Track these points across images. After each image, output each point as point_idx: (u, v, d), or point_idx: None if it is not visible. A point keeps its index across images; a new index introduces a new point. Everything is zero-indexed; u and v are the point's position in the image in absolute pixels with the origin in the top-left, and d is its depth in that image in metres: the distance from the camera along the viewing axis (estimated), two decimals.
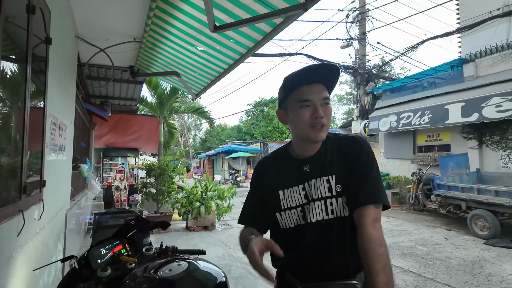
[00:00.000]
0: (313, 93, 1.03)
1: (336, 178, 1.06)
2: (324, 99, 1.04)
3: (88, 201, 6.30)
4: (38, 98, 2.05)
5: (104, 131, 7.81)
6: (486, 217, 5.69)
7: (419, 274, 4.12)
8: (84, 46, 3.96)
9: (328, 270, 1.06)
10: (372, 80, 11.33)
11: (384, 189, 1.04)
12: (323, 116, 1.02)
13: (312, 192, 1.08)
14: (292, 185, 1.11)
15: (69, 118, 3.36)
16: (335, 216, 1.05)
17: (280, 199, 1.12)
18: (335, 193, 1.05)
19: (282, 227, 1.13)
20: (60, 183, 3.03)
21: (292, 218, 1.11)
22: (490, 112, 6.95)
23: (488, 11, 8.07)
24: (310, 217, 1.06)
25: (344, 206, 1.05)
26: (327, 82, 1.06)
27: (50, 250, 2.51)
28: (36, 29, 1.88)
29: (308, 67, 1.04)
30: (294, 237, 1.10)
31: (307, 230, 1.08)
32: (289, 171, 1.14)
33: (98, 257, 1.41)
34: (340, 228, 1.05)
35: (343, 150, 1.09)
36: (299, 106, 1.04)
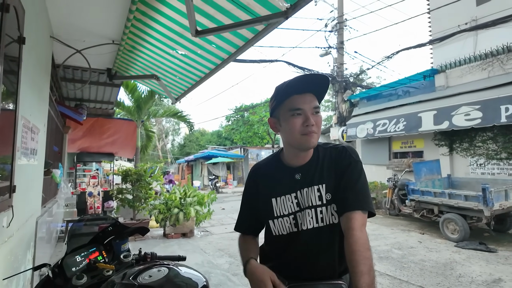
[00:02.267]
0: (304, 102, 1.07)
1: (326, 187, 1.10)
2: (314, 108, 1.09)
3: (60, 208, 6.03)
4: (9, 100, 1.95)
5: (78, 134, 7.53)
6: (456, 220, 5.96)
7: (394, 277, 4.24)
8: (59, 47, 3.83)
9: (316, 273, 1.12)
10: (350, 88, 11.65)
11: (370, 198, 1.10)
12: (314, 124, 1.06)
13: (303, 200, 1.13)
14: (285, 193, 1.15)
15: (41, 121, 3.22)
16: (325, 224, 1.10)
17: (273, 207, 1.16)
18: (325, 202, 1.10)
19: (275, 234, 1.17)
20: (31, 189, 2.89)
21: (285, 225, 1.15)
22: (460, 121, 7.32)
23: (457, 25, 8.55)
24: (302, 225, 1.11)
25: (333, 213, 1.10)
26: (317, 91, 1.11)
27: (19, 260, 2.38)
28: (9, 28, 1.80)
29: (299, 77, 1.08)
30: (286, 243, 1.16)
31: (299, 238, 1.12)
32: (281, 179, 1.17)
33: (73, 264, 1.35)
34: (330, 235, 1.10)
35: (333, 159, 1.13)
36: (291, 115, 1.08)
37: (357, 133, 10.18)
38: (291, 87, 1.08)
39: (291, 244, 1.14)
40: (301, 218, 1.12)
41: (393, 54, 10.11)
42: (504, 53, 7.18)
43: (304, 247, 1.12)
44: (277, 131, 1.17)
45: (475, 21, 8.57)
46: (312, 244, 1.11)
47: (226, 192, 18.53)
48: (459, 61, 8.05)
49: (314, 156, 1.16)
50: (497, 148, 7.36)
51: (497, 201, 5.55)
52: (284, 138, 1.15)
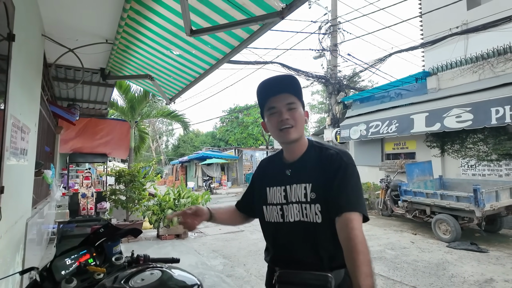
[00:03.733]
0: (278, 101, 1.18)
1: (312, 187, 1.14)
2: (288, 104, 1.18)
3: (52, 209, 5.93)
4: None
5: (71, 135, 7.42)
6: (448, 221, 6.02)
7: (388, 277, 4.26)
8: (51, 46, 3.76)
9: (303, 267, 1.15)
10: (343, 90, 11.72)
11: (364, 201, 1.11)
12: (288, 118, 1.16)
13: (291, 195, 1.19)
14: (276, 185, 1.25)
15: (32, 121, 3.16)
16: (309, 221, 1.14)
17: (267, 194, 1.27)
18: (309, 200, 1.14)
19: (267, 220, 1.27)
20: (21, 190, 2.83)
21: (273, 214, 1.24)
22: (451, 122, 7.41)
23: (449, 28, 8.67)
24: (289, 217, 1.18)
25: (317, 213, 1.12)
26: (291, 90, 1.20)
27: (7, 263, 2.33)
28: None
29: (269, 81, 1.21)
30: (273, 232, 1.25)
31: (283, 229, 1.20)
32: (276, 171, 1.28)
33: (63, 268, 1.32)
34: (313, 232, 1.14)
35: (323, 161, 1.17)
36: (269, 114, 1.21)
37: (351, 135, 10.24)
38: (266, 92, 1.21)
39: (278, 233, 1.22)
40: (287, 210, 1.19)
41: (385, 56, 10.19)
42: (494, 56, 7.30)
43: (289, 238, 1.19)
44: (268, 132, 1.28)
45: (466, 25, 8.72)
46: (297, 237, 1.17)
47: (220, 193, 18.46)
48: (450, 64, 8.16)
49: (305, 154, 1.23)
50: (487, 149, 7.47)
51: (488, 202, 5.62)
52: (272, 136, 1.27)
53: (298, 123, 1.18)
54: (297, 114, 1.18)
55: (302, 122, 1.20)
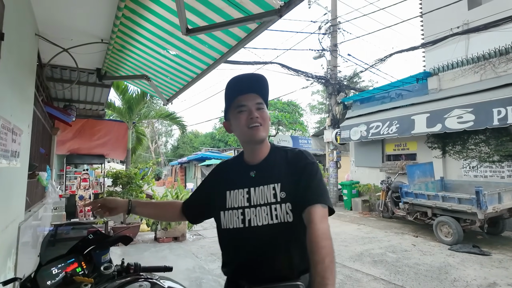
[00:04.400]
0: (247, 100, 1.18)
1: (281, 186, 1.14)
2: (257, 103, 1.19)
3: (48, 212, 5.83)
4: None
5: (68, 136, 7.33)
6: (450, 223, 5.94)
7: (389, 282, 4.18)
8: (46, 46, 3.68)
9: (273, 273, 1.11)
10: (343, 90, 11.65)
11: (328, 194, 1.14)
12: (258, 116, 1.16)
13: (256, 197, 1.16)
14: (238, 187, 1.21)
15: (25, 122, 3.08)
16: (280, 221, 1.11)
17: (226, 198, 1.21)
18: (279, 200, 1.12)
19: (223, 227, 1.19)
20: (12, 193, 2.76)
21: (233, 219, 1.17)
22: (452, 123, 7.35)
23: (449, 28, 8.61)
24: (256, 222, 1.13)
25: (288, 212, 1.11)
26: (260, 91, 1.21)
27: None
28: None
29: (240, 79, 1.20)
30: (234, 240, 1.18)
31: (248, 236, 1.14)
32: (238, 174, 1.25)
33: (48, 277, 1.25)
34: (285, 233, 1.11)
35: (289, 161, 1.19)
36: (237, 112, 1.19)
37: (351, 136, 10.17)
38: (235, 89, 1.20)
39: (241, 241, 1.16)
40: (250, 214, 1.14)
41: (386, 56, 10.13)
42: (496, 57, 7.24)
43: (257, 245, 1.13)
44: (231, 131, 1.27)
45: (466, 25, 8.66)
46: (266, 242, 1.12)
47: None
48: (451, 64, 8.10)
49: (270, 155, 1.23)
50: (489, 150, 7.40)
51: (491, 204, 5.55)
52: (237, 135, 1.24)
53: (266, 123, 1.19)
54: (265, 115, 1.19)
55: (268, 123, 1.22)
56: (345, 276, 4.39)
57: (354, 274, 4.49)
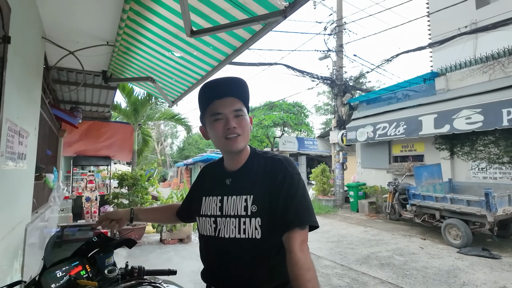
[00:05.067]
0: (224, 106, 1.08)
1: (254, 199, 1.06)
2: (235, 110, 1.08)
3: (55, 213, 5.88)
4: None
5: (74, 138, 7.40)
6: (459, 226, 5.84)
7: (397, 285, 4.12)
8: (52, 49, 3.72)
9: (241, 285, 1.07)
10: (349, 91, 11.58)
11: (311, 209, 1.04)
12: (235, 126, 1.06)
13: (227, 207, 1.10)
14: (211, 194, 1.16)
15: (32, 124, 3.11)
16: (247, 237, 1.04)
17: (202, 204, 1.18)
18: (249, 213, 1.05)
19: (200, 232, 1.18)
20: (19, 195, 2.77)
21: (206, 226, 1.14)
22: (461, 124, 7.24)
23: (457, 28, 8.50)
24: (224, 233, 1.08)
25: (257, 227, 1.03)
26: (239, 94, 1.10)
27: (4, 270, 2.26)
28: None
29: (216, 82, 1.11)
30: (207, 246, 1.16)
31: (218, 245, 1.10)
32: (215, 180, 1.20)
33: (53, 280, 1.24)
34: (251, 249, 1.05)
35: (268, 171, 1.09)
36: (213, 120, 1.09)
37: (357, 137, 10.09)
38: (211, 93, 1.10)
39: (213, 249, 1.13)
40: (221, 224, 1.09)
41: (392, 57, 10.05)
42: (505, 56, 7.12)
43: (225, 255, 1.09)
44: (207, 138, 1.18)
45: (475, 24, 8.53)
46: (233, 255, 1.07)
47: None
48: (459, 64, 7.99)
49: (248, 163, 1.14)
50: (499, 152, 7.27)
51: (501, 206, 5.45)
52: (214, 144, 1.16)
53: (245, 131, 1.09)
54: (244, 122, 1.09)
55: (248, 132, 1.12)
56: (352, 279, 4.34)
57: (360, 277, 4.43)
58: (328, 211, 10.50)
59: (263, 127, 22.57)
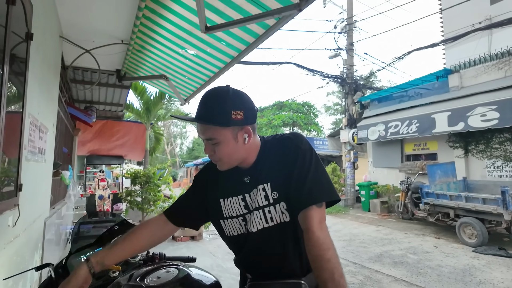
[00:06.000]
0: (200, 132, 1.03)
1: (272, 186, 1.03)
2: (207, 140, 1.01)
3: (70, 210, 6.02)
4: (16, 95, 1.91)
5: (88, 137, 7.56)
6: (474, 225, 5.74)
7: (411, 283, 4.07)
8: (68, 48, 3.82)
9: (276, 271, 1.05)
10: (360, 89, 11.49)
11: (329, 184, 0.99)
12: (212, 154, 1.02)
13: (252, 202, 1.06)
14: (232, 195, 1.09)
15: (50, 121, 3.20)
16: (275, 223, 1.02)
17: (222, 208, 1.11)
18: (272, 201, 1.02)
19: (227, 234, 1.13)
20: (39, 189, 2.85)
21: (235, 226, 1.10)
22: (475, 122, 7.10)
23: (471, 24, 8.36)
24: (251, 227, 1.05)
25: (284, 212, 1.01)
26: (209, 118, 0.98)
27: (25, 261, 2.33)
28: (16, 22, 1.76)
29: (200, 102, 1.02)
30: (239, 244, 1.11)
31: (249, 239, 1.06)
32: (230, 180, 1.11)
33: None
34: (283, 234, 1.03)
35: (279, 153, 1.05)
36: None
37: (368, 135, 10.00)
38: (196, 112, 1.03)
39: (244, 245, 1.09)
40: (249, 220, 1.05)
41: (404, 54, 9.94)
42: None
43: (256, 248, 1.06)
44: None
45: (489, 20, 8.37)
46: (264, 245, 1.05)
47: None
48: (473, 60, 7.85)
49: (260, 155, 1.08)
50: None
51: None
52: None
53: (224, 157, 1.01)
54: (220, 149, 1.00)
55: (231, 154, 1.01)
56: (365, 277, 4.31)
57: (374, 275, 4.39)
58: (339, 211, 10.43)
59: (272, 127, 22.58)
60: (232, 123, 0.97)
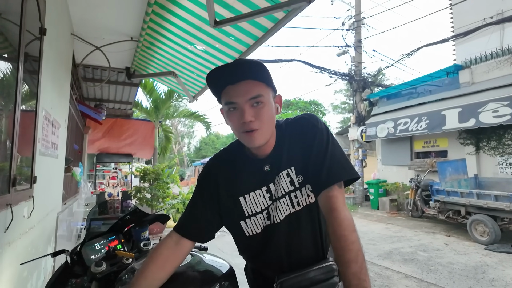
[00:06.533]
0: (238, 95, 0.92)
1: (296, 169, 0.99)
2: (252, 98, 0.91)
3: (80, 207, 6.11)
4: (30, 90, 1.95)
5: (97, 135, 7.65)
6: (486, 222, 5.64)
7: (422, 280, 4.02)
8: (79, 46, 3.87)
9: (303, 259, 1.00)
10: (368, 87, 11.39)
11: (347, 162, 0.96)
12: (252, 119, 0.91)
13: (276, 190, 1.00)
14: (255, 188, 1.02)
15: (62, 117, 3.25)
16: (302, 206, 0.99)
17: (242, 206, 1.03)
18: (298, 185, 0.99)
19: (249, 234, 1.04)
20: (52, 183, 2.90)
21: (258, 222, 1.02)
22: (487, 118, 6.98)
23: (482, 18, 8.20)
24: (277, 218, 0.99)
25: (309, 194, 0.99)
26: (256, 76, 0.93)
27: (39, 253, 2.37)
28: (30, 17, 1.79)
29: (227, 66, 0.93)
30: (263, 239, 1.03)
31: (275, 229, 1.00)
32: (248, 174, 1.03)
33: (92, 252, 1.31)
34: (309, 216, 1.00)
35: (297, 135, 1.01)
36: (228, 109, 0.95)
37: (377, 133, 9.90)
38: (224, 77, 0.93)
39: (269, 239, 1.01)
40: (274, 210, 1.00)
41: (413, 51, 9.80)
42: None
43: (283, 237, 1.00)
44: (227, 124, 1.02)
45: (501, 14, 8.21)
46: (292, 231, 1.00)
47: None
48: (485, 56, 7.71)
49: (279, 138, 1.02)
50: None
51: None
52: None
53: (265, 124, 0.93)
54: (263, 112, 0.92)
55: (271, 121, 0.96)
56: (375, 274, 4.27)
57: (383, 272, 4.36)
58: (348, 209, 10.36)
59: None
60: (272, 86, 0.96)
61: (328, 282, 0.92)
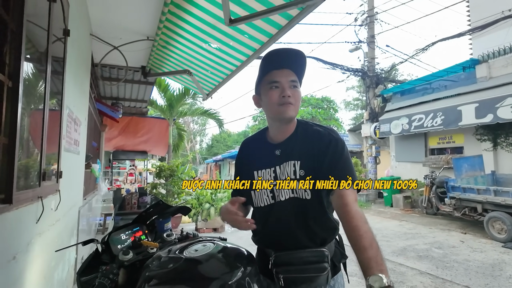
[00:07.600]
0: (281, 76, 1.14)
1: (301, 164, 1.14)
2: (291, 81, 1.14)
3: (98, 203, 6.29)
4: (56, 89, 2.04)
5: (114, 133, 7.84)
6: (504, 219, 5.53)
7: (437, 276, 4.00)
8: (97, 46, 3.99)
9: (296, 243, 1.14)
10: (382, 82, 11.24)
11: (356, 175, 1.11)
12: (290, 95, 1.12)
13: (281, 174, 1.17)
14: (265, 167, 1.22)
15: (83, 115, 3.37)
16: (298, 197, 1.14)
17: (255, 178, 1.23)
18: (298, 177, 1.13)
19: (255, 205, 1.24)
20: (74, 178, 3.02)
21: (263, 198, 1.21)
22: (505, 113, 6.82)
23: (500, 11, 7.98)
24: (280, 196, 1.16)
25: (306, 190, 1.12)
26: (296, 68, 1.16)
27: (65, 244, 2.49)
28: (55, 19, 1.88)
29: (275, 52, 1.13)
30: (265, 215, 1.21)
31: (275, 208, 1.18)
32: (263, 153, 1.24)
33: (119, 242, 1.38)
34: (304, 208, 1.14)
35: (311, 138, 1.16)
36: (269, 87, 1.15)
37: (391, 129, 9.79)
38: (270, 64, 1.14)
39: (270, 215, 1.19)
40: (278, 191, 1.17)
41: (428, 45, 9.62)
42: None
43: (281, 217, 1.17)
44: (259, 106, 1.25)
45: None
46: (288, 215, 1.15)
47: None
48: (503, 49, 7.51)
49: (295, 131, 1.21)
50: None
51: None
52: (265, 111, 1.22)
53: (297, 102, 1.16)
54: (298, 93, 1.16)
55: (300, 102, 1.19)
56: (388, 270, 4.26)
57: (398, 268, 4.35)
58: (361, 206, 10.27)
59: None
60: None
61: (318, 265, 1.07)
